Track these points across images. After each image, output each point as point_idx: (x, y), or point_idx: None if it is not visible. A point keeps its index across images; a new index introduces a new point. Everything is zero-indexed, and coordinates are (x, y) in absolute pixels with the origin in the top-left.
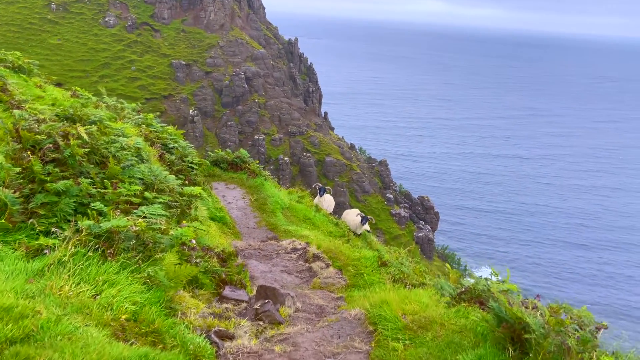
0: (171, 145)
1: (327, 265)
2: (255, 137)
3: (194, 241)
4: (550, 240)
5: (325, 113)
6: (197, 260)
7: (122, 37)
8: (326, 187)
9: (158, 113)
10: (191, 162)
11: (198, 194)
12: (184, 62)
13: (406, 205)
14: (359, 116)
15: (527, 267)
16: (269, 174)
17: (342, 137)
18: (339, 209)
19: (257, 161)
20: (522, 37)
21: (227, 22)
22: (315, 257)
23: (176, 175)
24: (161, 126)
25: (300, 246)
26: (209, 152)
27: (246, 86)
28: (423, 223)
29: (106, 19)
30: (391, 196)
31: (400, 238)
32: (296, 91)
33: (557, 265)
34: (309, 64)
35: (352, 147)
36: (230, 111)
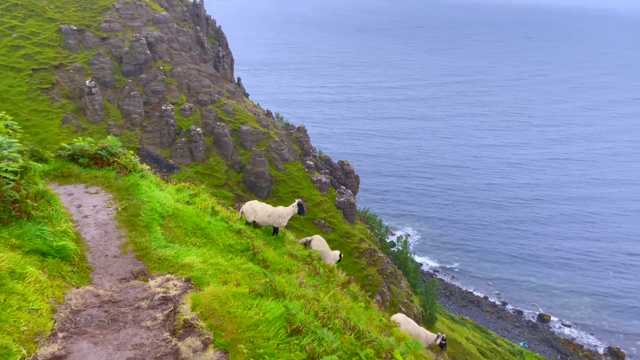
0: None
1: (206, 344)
2: (163, 107)
3: None
4: (470, 203)
5: (239, 79)
6: None
7: None
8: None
9: (49, 85)
10: (7, 170)
11: None
12: (74, 27)
13: (327, 171)
14: (275, 83)
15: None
16: (148, 168)
17: (258, 104)
18: (258, 179)
19: (132, 152)
20: None
21: None
22: (188, 328)
23: None
24: None
25: (176, 291)
26: (105, 137)
27: (149, 52)
28: (344, 188)
29: None
30: (311, 162)
31: (323, 204)
32: (205, 56)
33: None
34: (217, 26)
35: (268, 114)
36: (133, 80)
